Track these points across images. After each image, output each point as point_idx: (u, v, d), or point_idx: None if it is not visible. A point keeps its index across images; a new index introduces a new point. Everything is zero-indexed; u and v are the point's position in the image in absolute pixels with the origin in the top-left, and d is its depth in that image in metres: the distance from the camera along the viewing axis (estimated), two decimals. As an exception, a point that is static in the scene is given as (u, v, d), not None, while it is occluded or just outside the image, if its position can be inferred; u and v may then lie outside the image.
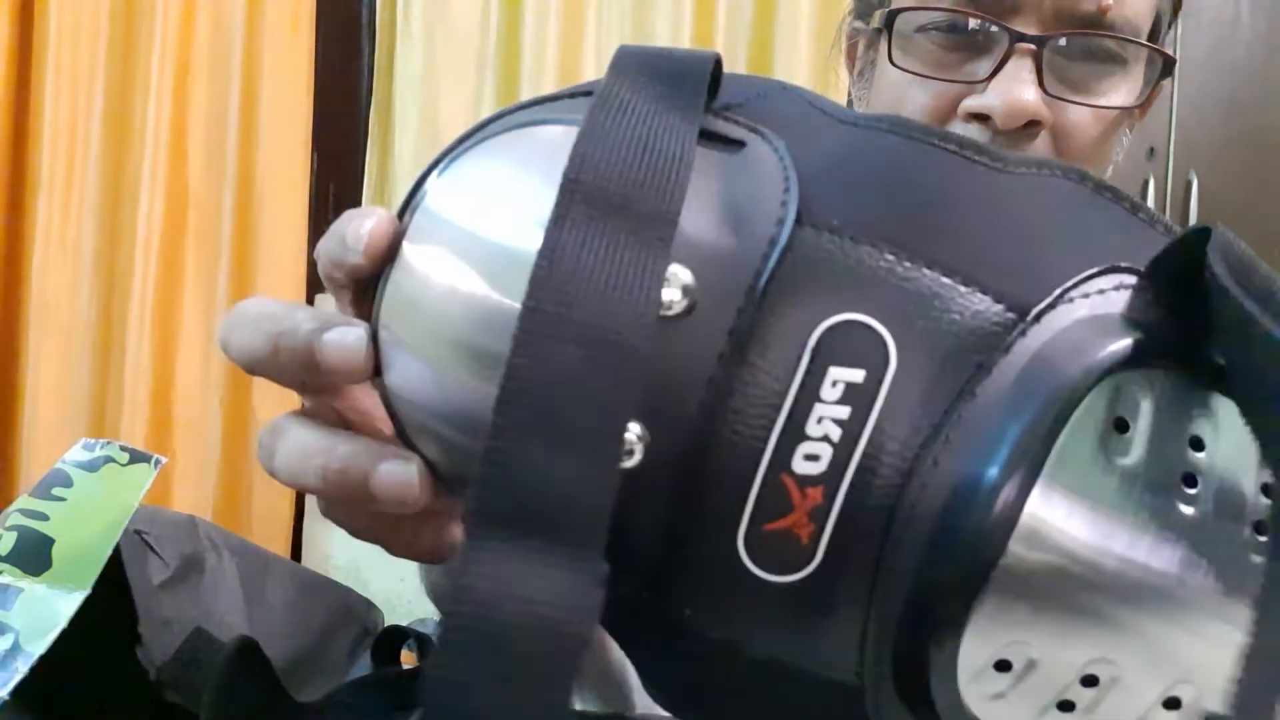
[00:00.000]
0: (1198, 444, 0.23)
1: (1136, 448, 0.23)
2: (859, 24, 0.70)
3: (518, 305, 0.22)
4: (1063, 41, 0.59)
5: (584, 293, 0.22)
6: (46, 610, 0.43)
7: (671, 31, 1.92)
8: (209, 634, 0.54)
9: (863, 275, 0.24)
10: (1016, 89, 0.58)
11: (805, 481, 0.23)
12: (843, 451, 0.23)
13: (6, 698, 0.40)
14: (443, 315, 0.25)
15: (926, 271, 0.24)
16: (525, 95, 1.98)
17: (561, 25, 1.94)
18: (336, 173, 2.08)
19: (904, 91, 0.63)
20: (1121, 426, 0.23)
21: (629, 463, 0.23)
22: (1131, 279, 0.24)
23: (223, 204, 1.99)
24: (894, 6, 0.63)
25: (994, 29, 0.59)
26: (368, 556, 2.21)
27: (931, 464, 0.23)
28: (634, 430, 0.23)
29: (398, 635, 0.60)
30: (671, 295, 0.23)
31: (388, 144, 2.02)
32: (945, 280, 0.24)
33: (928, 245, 0.24)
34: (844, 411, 0.23)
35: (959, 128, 0.61)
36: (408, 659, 0.66)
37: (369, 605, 1.14)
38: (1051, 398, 0.22)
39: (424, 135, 1.99)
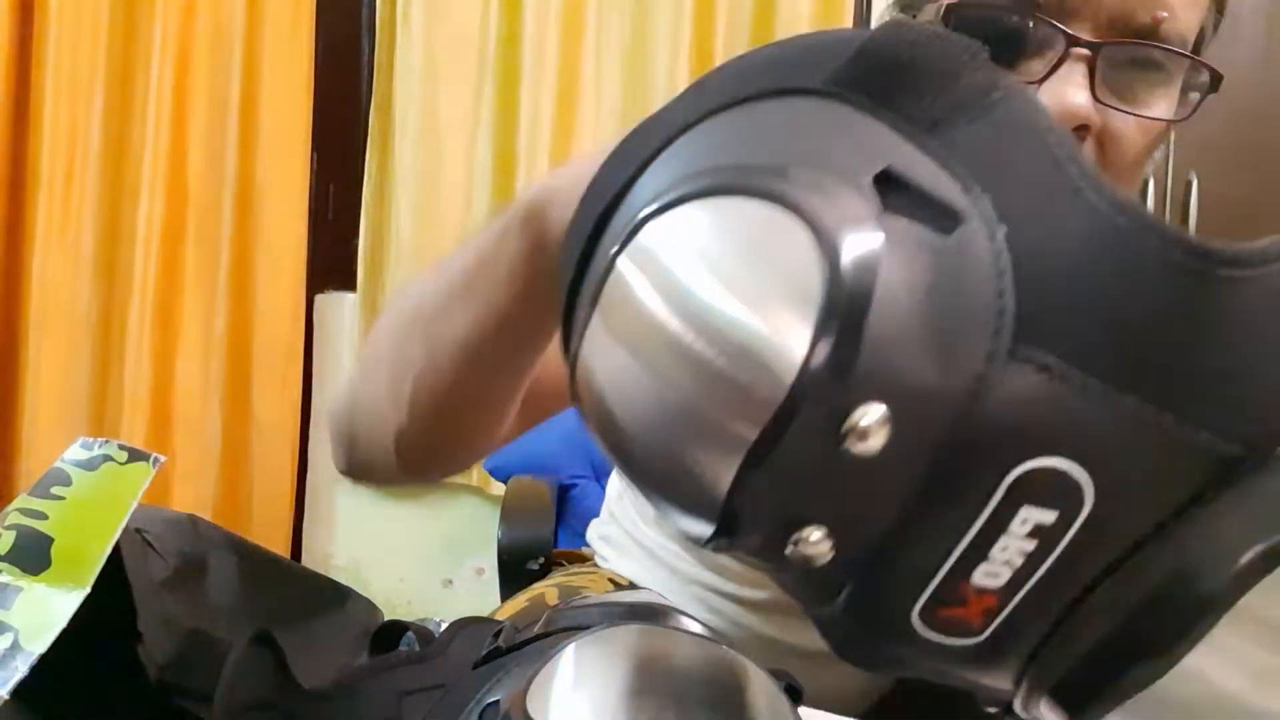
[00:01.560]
0: None
1: None
2: (901, 18, 0.70)
3: (702, 349, 0.24)
4: (1116, 50, 0.59)
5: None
6: (46, 609, 0.43)
7: (671, 32, 1.92)
8: (209, 634, 0.53)
9: (1069, 416, 0.23)
10: (1070, 92, 0.58)
11: (982, 590, 0.24)
12: (1023, 574, 0.24)
13: (6, 697, 0.40)
14: (643, 334, 0.26)
15: (1142, 406, 0.23)
16: (525, 96, 1.98)
17: (561, 25, 1.94)
18: (336, 173, 2.08)
19: None
20: None
21: (815, 563, 0.25)
22: None
23: (223, 204, 1.99)
24: (950, 1, 0.63)
25: (1050, 31, 0.59)
26: (368, 556, 2.21)
27: (1115, 601, 0.23)
28: (822, 539, 0.24)
29: (396, 628, 0.60)
30: (870, 445, 0.23)
31: (388, 144, 2.02)
32: (1164, 416, 0.23)
33: (1145, 379, 0.23)
34: (1030, 545, 0.24)
35: None
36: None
37: (369, 605, 1.13)
38: (1269, 548, 0.22)
39: (424, 135, 1.99)
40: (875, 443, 0.23)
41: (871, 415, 0.23)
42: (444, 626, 0.54)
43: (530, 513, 1.33)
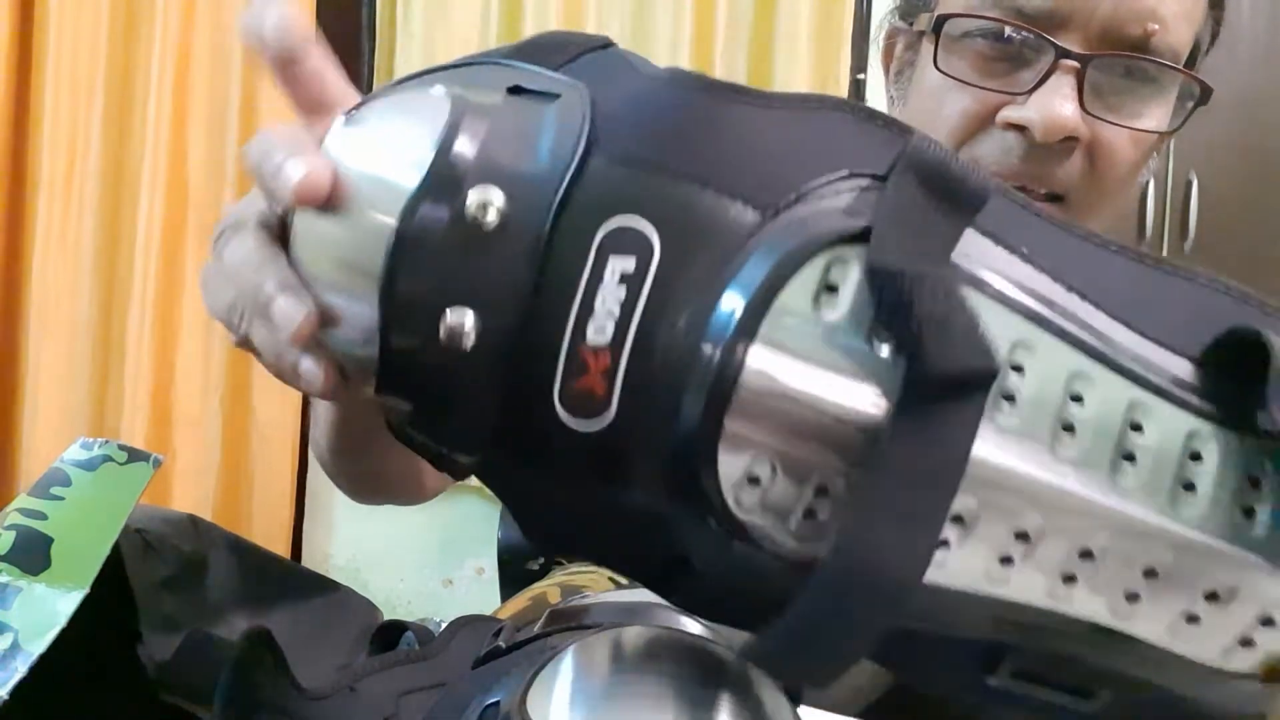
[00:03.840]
0: None
1: (842, 305, 0.29)
2: (900, 24, 0.70)
3: (391, 222, 0.30)
4: (1106, 61, 0.59)
5: None
6: (46, 609, 0.43)
7: (671, 33, 1.92)
8: (209, 634, 0.54)
9: (636, 190, 0.31)
10: (1057, 104, 0.59)
11: (597, 349, 0.30)
12: (623, 323, 0.30)
13: (6, 697, 0.40)
14: (329, 239, 0.33)
15: (686, 185, 0.30)
16: (525, 95, 1.99)
17: (561, 26, 1.94)
18: (336, 173, 2.08)
19: (945, 95, 0.63)
20: (833, 289, 0.29)
21: (466, 344, 0.30)
22: (868, 181, 0.31)
23: (223, 204, 1.99)
24: (942, 11, 0.63)
25: (1040, 42, 0.59)
26: (368, 556, 2.21)
27: (687, 331, 0.29)
28: (469, 318, 0.30)
29: (396, 629, 0.60)
30: (490, 217, 0.30)
31: (388, 144, 2.02)
32: (703, 190, 0.30)
33: (689, 166, 0.31)
34: (621, 291, 0.30)
35: (996, 136, 0.62)
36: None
37: (369, 605, 1.14)
38: (773, 267, 0.29)
39: (424, 135, 1.99)
40: (493, 217, 0.30)
41: (490, 196, 0.30)
42: (444, 626, 0.54)
43: (530, 513, 1.33)
